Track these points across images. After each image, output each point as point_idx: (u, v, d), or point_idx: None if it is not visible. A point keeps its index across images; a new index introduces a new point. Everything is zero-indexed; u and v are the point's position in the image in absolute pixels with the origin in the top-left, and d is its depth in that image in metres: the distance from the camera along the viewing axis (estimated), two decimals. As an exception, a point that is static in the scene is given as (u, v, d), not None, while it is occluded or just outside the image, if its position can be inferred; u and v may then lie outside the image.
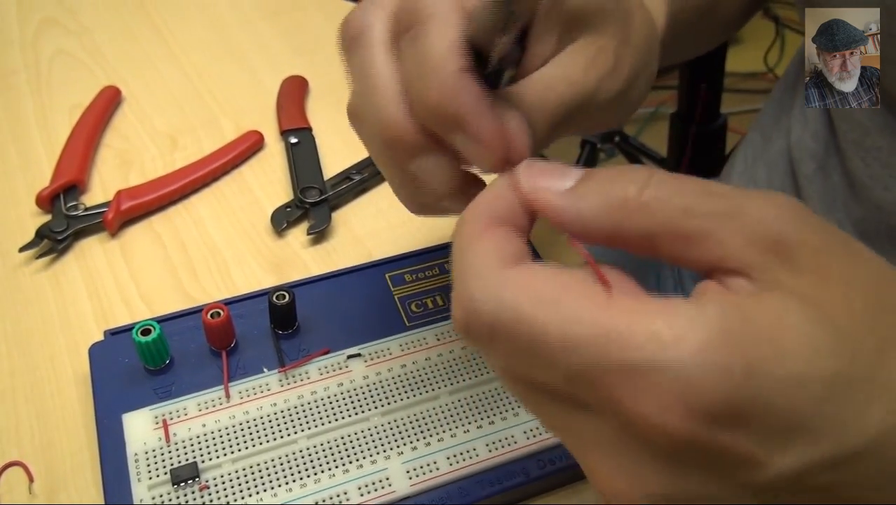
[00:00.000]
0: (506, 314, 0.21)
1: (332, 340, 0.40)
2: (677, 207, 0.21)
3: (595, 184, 0.23)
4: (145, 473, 0.35)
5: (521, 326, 0.21)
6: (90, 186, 0.51)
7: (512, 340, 0.21)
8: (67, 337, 0.42)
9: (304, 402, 0.38)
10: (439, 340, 0.40)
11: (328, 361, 0.39)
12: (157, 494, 0.34)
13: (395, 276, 0.44)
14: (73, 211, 0.48)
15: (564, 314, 0.21)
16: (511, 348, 0.22)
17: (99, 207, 0.48)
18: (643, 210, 0.22)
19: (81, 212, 0.48)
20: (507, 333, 0.21)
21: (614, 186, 0.22)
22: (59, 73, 0.59)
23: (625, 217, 0.22)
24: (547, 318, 0.21)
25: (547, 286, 0.21)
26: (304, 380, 0.39)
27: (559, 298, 0.21)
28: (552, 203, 0.23)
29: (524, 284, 0.22)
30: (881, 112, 0.41)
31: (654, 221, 0.21)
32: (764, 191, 0.22)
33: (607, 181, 0.22)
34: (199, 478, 0.35)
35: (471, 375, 0.39)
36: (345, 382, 0.39)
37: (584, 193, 0.22)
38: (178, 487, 0.35)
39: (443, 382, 0.39)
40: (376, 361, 0.39)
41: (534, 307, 0.21)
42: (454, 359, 0.40)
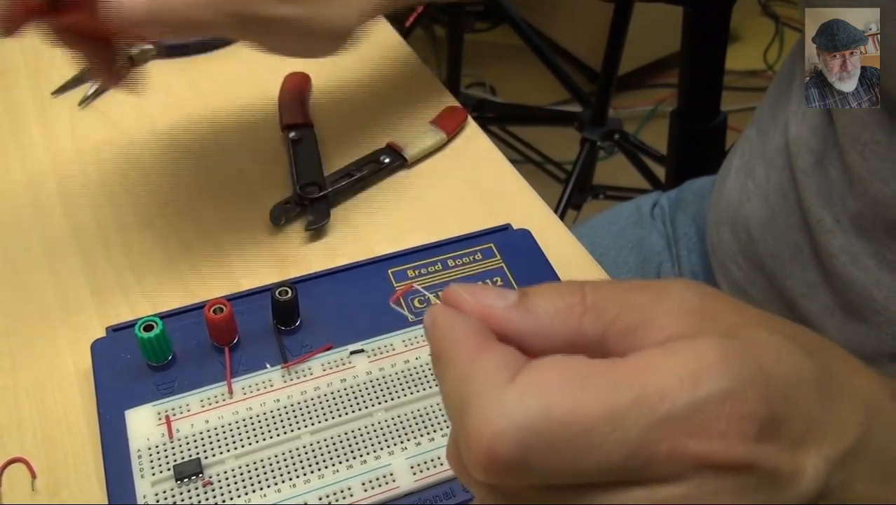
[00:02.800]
0: (538, 421, 0.20)
1: (334, 335, 0.40)
2: (617, 306, 0.23)
3: (540, 297, 0.23)
4: (148, 470, 0.35)
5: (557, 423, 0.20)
6: None
7: (553, 447, 0.20)
8: (69, 333, 0.42)
9: (307, 398, 0.38)
10: (442, 336, 0.40)
11: (331, 356, 0.39)
12: (160, 491, 0.34)
13: (397, 271, 0.44)
14: None
15: (597, 391, 0.21)
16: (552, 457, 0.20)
17: None
18: (592, 312, 0.23)
19: None
20: (545, 440, 0.20)
21: (559, 297, 0.23)
22: (58, 69, 0.59)
23: (579, 321, 0.23)
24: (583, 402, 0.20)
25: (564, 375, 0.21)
26: (306, 376, 0.38)
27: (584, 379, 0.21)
28: (508, 317, 0.23)
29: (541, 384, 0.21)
30: (879, 107, 0.41)
31: (604, 321, 0.23)
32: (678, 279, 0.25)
33: (551, 293, 0.23)
34: (203, 474, 0.35)
35: (474, 370, 0.39)
36: (348, 377, 0.39)
37: (533, 306, 0.23)
38: (181, 484, 0.34)
39: (446, 378, 0.38)
40: (379, 357, 0.39)
41: (564, 399, 0.20)
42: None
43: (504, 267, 0.44)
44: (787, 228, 0.51)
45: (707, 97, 0.82)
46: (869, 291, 0.45)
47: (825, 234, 0.47)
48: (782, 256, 0.51)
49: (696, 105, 0.84)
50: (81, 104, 0.56)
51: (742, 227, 0.55)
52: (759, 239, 0.53)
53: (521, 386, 0.21)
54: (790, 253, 0.51)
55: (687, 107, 0.84)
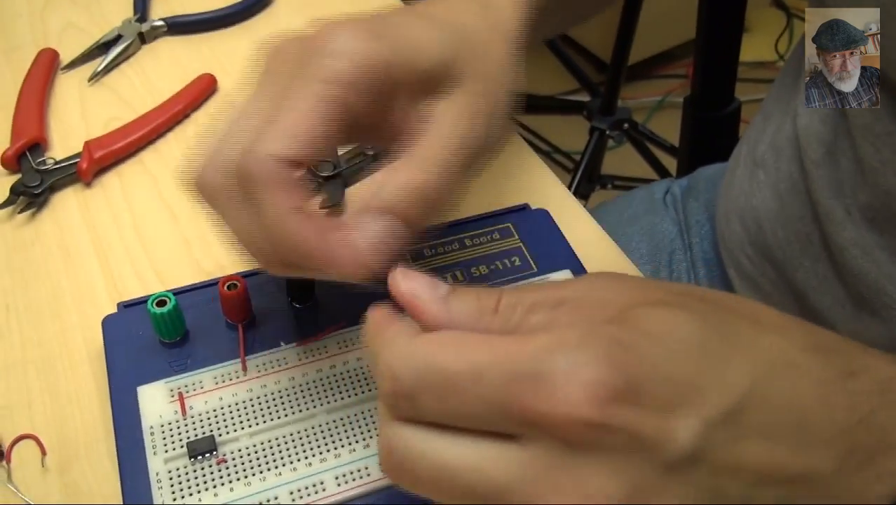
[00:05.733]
0: (423, 365, 0.25)
1: (351, 313, 0.39)
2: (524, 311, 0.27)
3: (460, 297, 0.28)
4: (161, 447, 0.34)
5: (435, 370, 0.25)
6: (51, 145, 0.51)
7: (430, 387, 0.25)
8: (79, 309, 0.41)
9: (324, 376, 0.37)
10: (460, 315, 0.40)
11: (347, 334, 0.39)
12: (173, 468, 0.34)
13: (413, 250, 0.43)
14: (43, 166, 0.48)
15: (472, 352, 0.25)
16: (430, 396, 0.25)
17: (69, 160, 0.49)
18: (500, 317, 0.27)
19: (52, 166, 0.48)
20: (426, 382, 0.25)
21: (477, 300, 0.27)
22: (67, 46, 0.58)
23: (488, 322, 0.27)
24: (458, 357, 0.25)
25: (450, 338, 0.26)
26: (322, 354, 0.38)
27: (460, 343, 0.25)
28: (429, 309, 0.27)
29: (432, 341, 0.26)
30: (892, 98, 0.40)
31: (511, 324, 0.27)
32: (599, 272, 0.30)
33: (471, 296, 0.28)
34: (217, 452, 0.34)
35: (493, 350, 0.38)
36: (364, 355, 0.38)
37: (452, 304, 0.27)
38: (195, 461, 0.34)
39: (464, 358, 0.38)
40: (396, 336, 0.39)
41: (445, 353, 0.25)
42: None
43: (522, 247, 0.43)
44: (796, 220, 0.50)
45: (721, 84, 0.81)
46: (881, 284, 0.44)
47: (836, 227, 0.46)
48: (792, 248, 0.51)
49: (709, 92, 0.83)
50: (91, 80, 0.55)
51: (751, 217, 0.54)
52: (768, 230, 0.52)
53: (419, 340, 0.26)
54: (800, 245, 0.50)
55: (701, 94, 0.83)
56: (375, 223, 0.30)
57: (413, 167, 0.31)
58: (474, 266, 0.42)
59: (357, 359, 0.38)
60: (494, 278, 0.41)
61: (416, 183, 0.30)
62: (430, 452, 0.25)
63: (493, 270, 0.42)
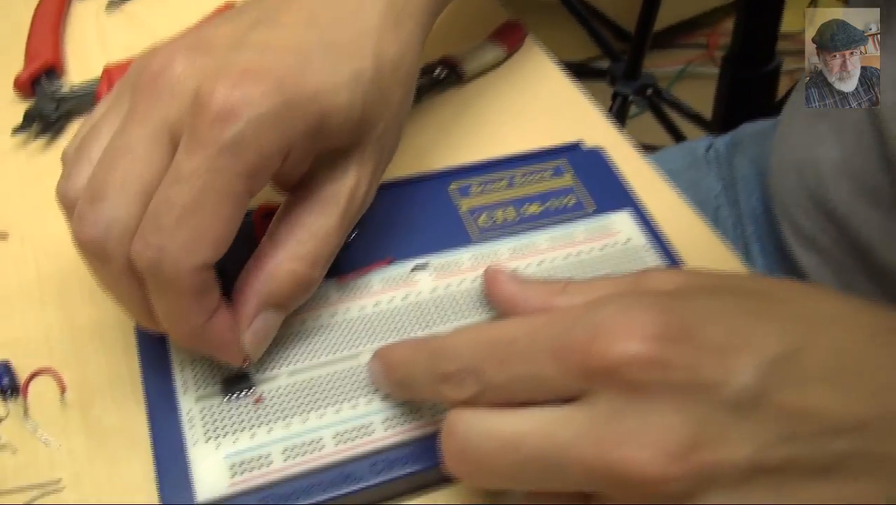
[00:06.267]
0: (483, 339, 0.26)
1: (394, 250, 0.36)
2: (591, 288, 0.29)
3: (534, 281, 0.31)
4: (192, 384, 0.31)
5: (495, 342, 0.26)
6: (67, 71, 0.47)
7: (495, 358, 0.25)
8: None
9: (366, 314, 0.34)
10: (514, 254, 0.37)
11: (391, 271, 0.36)
12: (206, 407, 0.31)
13: (459, 187, 0.40)
14: (59, 92, 0.45)
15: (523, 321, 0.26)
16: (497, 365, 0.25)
17: (87, 86, 0.45)
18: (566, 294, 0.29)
19: (68, 92, 0.45)
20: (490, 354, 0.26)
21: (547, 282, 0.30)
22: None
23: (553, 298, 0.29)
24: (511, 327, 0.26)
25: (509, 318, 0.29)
26: (365, 291, 0.35)
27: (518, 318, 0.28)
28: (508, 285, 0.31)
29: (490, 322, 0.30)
30: None
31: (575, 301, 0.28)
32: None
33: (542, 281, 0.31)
34: (254, 390, 0.31)
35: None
36: (410, 294, 0.35)
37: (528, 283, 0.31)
38: (229, 399, 0.31)
39: (519, 298, 0.35)
40: (445, 274, 0.36)
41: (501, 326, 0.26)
42: (530, 274, 0.36)
43: (576, 186, 0.40)
44: (863, 172, 0.47)
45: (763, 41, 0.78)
46: None
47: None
48: (857, 202, 0.47)
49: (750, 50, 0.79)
50: (108, 8, 0.52)
51: (811, 170, 0.51)
52: (829, 184, 0.49)
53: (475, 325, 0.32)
54: (866, 199, 0.47)
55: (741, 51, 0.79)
56: (266, 320, 0.30)
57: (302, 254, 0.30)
58: (526, 204, 0.39)
59: (403, 297, 0.35)
60: (548, 218, 0.38)
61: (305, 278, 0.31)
62: (495, 428, 0.25)
63: (546, 210, 0.39)
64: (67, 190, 0.29)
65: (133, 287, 0.28)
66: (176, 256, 0.27)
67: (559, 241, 0.37)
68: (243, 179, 0.27)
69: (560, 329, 0.24)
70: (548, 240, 0.37)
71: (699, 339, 0.23)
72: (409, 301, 0.35)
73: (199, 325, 0.29)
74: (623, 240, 0.38)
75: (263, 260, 0.30)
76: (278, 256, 0.30)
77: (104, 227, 0.27)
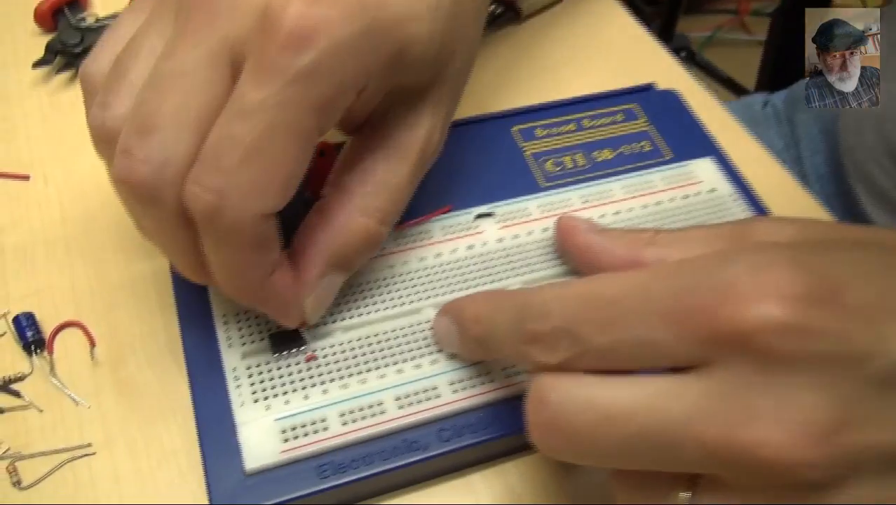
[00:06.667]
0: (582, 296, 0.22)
1: (455, 197, 0.33)
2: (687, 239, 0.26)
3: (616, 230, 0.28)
4: (237, 339, 0.28)
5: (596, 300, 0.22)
6: (91, 2, 0.44)
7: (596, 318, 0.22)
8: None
9: (427, 265, 0.31)
10: (586, 202, 0.33)
11: (452, 219, 0.32)
12: (253, 364, 0.28)
13: (523, 129, 0.36)
14: (83, 23, 0.41)
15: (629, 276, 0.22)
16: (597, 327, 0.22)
17: (113, 17, 0.42)
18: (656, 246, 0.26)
19: (93, 23, 0.41)
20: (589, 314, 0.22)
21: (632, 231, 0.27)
22: None
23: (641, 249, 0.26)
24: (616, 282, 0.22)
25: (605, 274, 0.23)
26: (425, 240, 0.31)
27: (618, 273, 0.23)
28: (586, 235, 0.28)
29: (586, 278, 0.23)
30: None
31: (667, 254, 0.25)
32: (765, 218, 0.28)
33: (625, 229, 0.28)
34: (306, 347, 0.28)
35: (629, 243, 0.32)
36: (475, 244, 0.31)
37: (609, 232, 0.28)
38: (279, 357, 0.28)
39: (596, 251, 0.31)
40: (512, 223, 0.32)
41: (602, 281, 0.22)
42: (607, 224, 0.32)
43: (651, 131, 0.36)
44: None
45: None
46: None
47: None
48: None
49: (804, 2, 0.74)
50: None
51: (892, 123, 0.47)
52: None
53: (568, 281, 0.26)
54: None
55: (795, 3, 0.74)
56: (330, 282, 0.27)
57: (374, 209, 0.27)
58: (597, 150, 0.35)
59: (467, 247, 0.31)
60: (621, 164, 0.35)
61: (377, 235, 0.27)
62: (598, 398, 0.21)
63: (619, 155, 0.35)
64: (105, 119, 0.24)
65: (184, 235, 0.24)
66: (238, 202, 0.23)
67: (636, 190, 0.34)
68: (316, 115, 0.23)
69: (679, 287, 0.21)
70: (623, 188, 0.34)
71: (847, 301, 0.20)
72: (474, 252, 0.31)
73: (258, 280, 0.25)
74: (707, 189, 0.34)
75: (330, 214, 0.27)
76: (347, 209, 0.26)
77: (158, 164, 0.23)
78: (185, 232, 0.24)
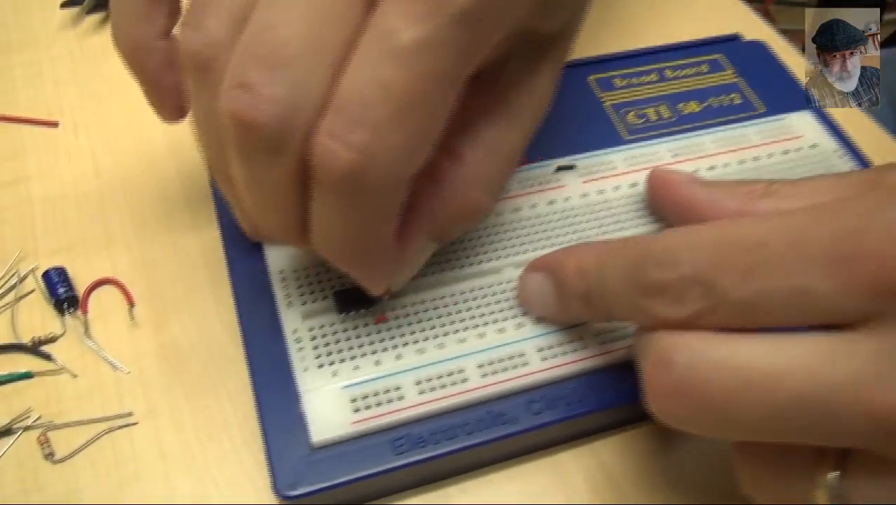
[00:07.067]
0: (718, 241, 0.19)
1: (531, 148, 0.29)
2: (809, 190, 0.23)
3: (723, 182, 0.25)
4: (297, 297, 0.25)
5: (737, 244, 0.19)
6: None
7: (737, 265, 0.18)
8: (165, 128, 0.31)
9: (505, 220, 0.27)
10: (676, 156, 0.30)
11: (531, 172, 0.29)
12: (316, 325, 0.24)
13: (601, 79, 0.33)
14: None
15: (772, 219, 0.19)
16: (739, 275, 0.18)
17: None
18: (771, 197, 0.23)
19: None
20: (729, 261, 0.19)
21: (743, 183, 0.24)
22: None
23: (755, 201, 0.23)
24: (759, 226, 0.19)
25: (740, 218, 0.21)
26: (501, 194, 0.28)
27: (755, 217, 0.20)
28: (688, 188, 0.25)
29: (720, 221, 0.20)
30: None
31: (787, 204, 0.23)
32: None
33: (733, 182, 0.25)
34: (375, 307, 0.25)
35: (728, 200, 0.28)
36: (557, 199, 0.28)
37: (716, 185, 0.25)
38: (346, 318, 0.24)
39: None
40: (596, 177, 0.29)
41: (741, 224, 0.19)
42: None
43: (740, 83, 0.33)
44: None
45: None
46: None
47: None
48: None
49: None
50: None
51: None
52: None
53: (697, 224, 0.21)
54: None
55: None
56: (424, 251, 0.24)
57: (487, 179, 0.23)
58: (682, 102, 0.32)
59: (548, 202, 0.28)
60: (711, 117, 0.31)
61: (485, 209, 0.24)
62: (732, 359, 0.18)
63: (706, 108, 0.32)
64: (204, 46, 0.19)
65: (295, 192, 0.20)
66: (387, 164, 0.19)
67: (729, 144, 0.30)
68: (471, 61, 0.19)
69: (841, 229, 0.17)
70: (714, 141, 0.30)
71: None
72: (556, 207, 0.28)
73: (378, 249, 0.21)
74: (808, 143, 0.31)
75: (440, 181, 0.23)
76: (458, 179, 0.23)
77: (289, 106, 0.18)
78: (297, 189, 0.20)
